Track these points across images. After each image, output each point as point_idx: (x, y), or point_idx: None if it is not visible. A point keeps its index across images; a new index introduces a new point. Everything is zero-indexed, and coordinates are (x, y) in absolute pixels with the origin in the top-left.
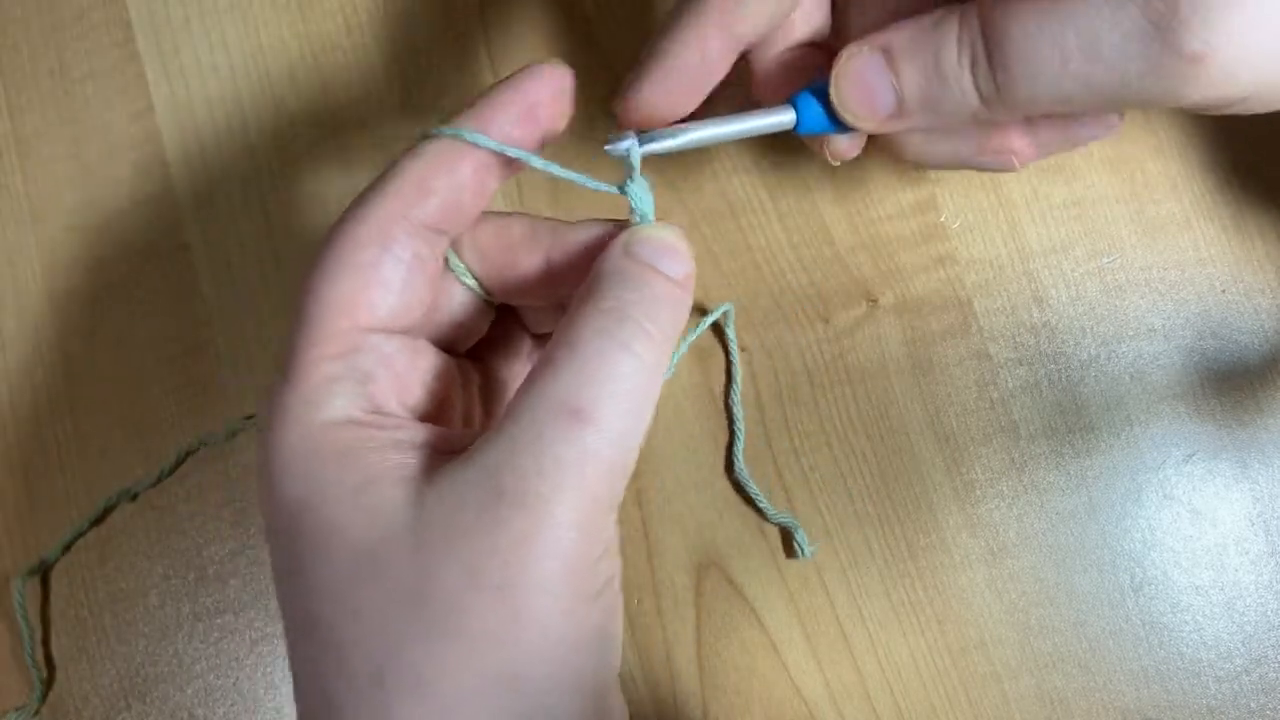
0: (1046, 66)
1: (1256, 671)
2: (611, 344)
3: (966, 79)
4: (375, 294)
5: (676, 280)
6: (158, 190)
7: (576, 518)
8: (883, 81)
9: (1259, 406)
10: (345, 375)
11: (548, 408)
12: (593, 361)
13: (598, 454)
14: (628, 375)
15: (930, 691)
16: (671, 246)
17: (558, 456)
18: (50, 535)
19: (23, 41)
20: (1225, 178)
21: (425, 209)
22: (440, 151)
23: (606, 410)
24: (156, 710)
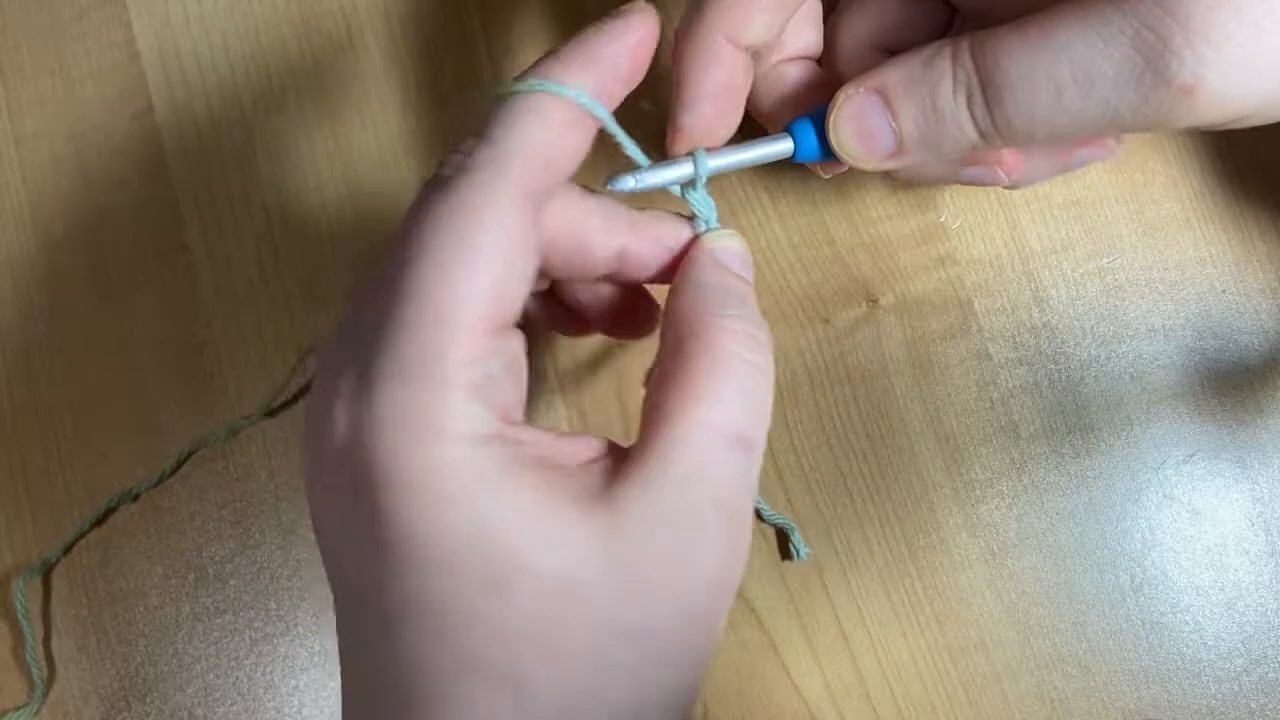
0: (1041, 101)
1: (1256, 671)
2: (753, 369)
3: (964, 115)
4: (508, 284)
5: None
6: (158, 190)
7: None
8: (881, 123)
9: (1259, 406)
10: (482, 383)
11: (719, 436)
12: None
13: (753, 476)
14: (766, 397)
15: (930, 691)
16: (746, 256)
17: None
18: (50, 535)
19: (23, 41)
20: (1225, 178)
21: (548, 181)
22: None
23: (760, 435)
24: (156, 710)
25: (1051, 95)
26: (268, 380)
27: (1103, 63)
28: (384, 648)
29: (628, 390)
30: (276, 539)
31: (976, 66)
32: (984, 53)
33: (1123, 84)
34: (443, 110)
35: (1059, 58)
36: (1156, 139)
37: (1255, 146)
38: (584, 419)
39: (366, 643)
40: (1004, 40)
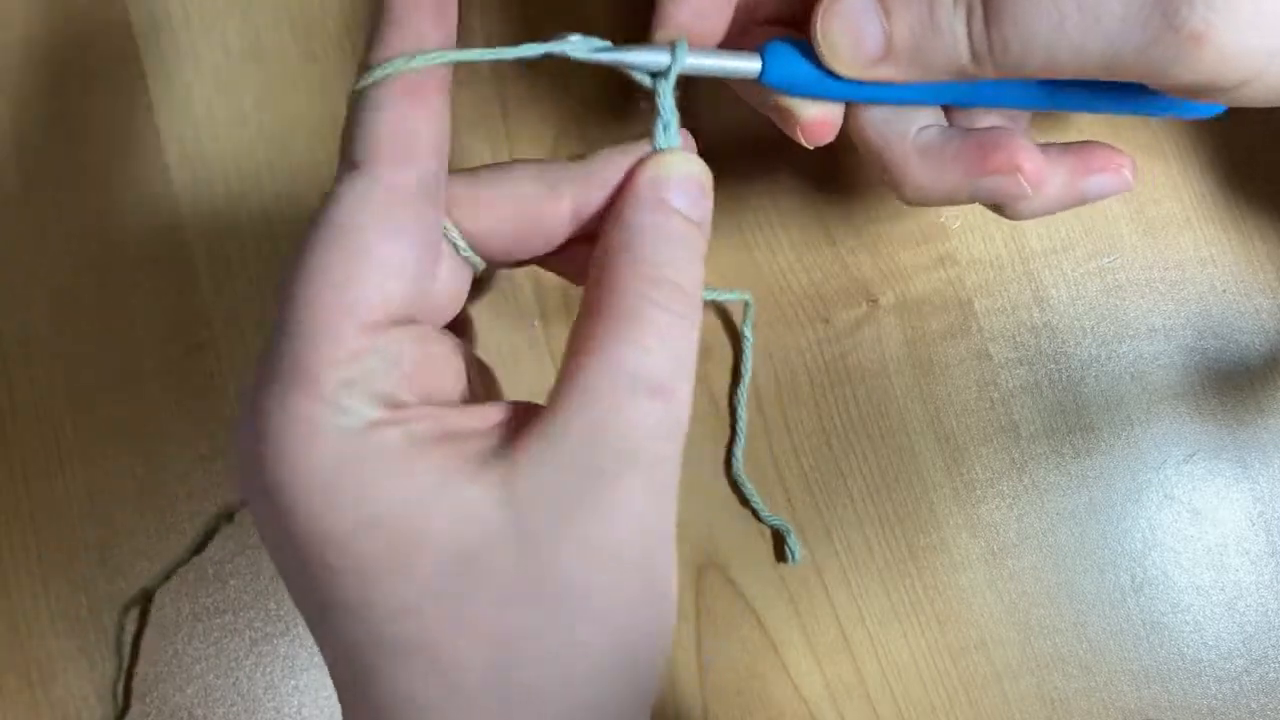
0: (1043, 26)
1: (1257, 671)
2: (674, 318)
3: (960, 29)
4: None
5: (702, 225)
6: (158, 190)
7: (660, 491)
8: (872, 21)
9: (1259, 406)
10: (363, 376)
11: (628, 385)
12: (663, 335)
13: (677, 425)
14: (690, 346)
15: (930, 691)
16: (700, 184)
17: (649, 432)
18: (50, 535)
19: (23, 41)
20: (1225, 178)
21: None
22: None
23: (681, 381)
24: (156, 710)
25: (1054, 22)
26: None
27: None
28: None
29: None
30: None
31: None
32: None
33: (1130, 23)
34: None
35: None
36: (1156, 140)
37: (1255, 147)
38: None
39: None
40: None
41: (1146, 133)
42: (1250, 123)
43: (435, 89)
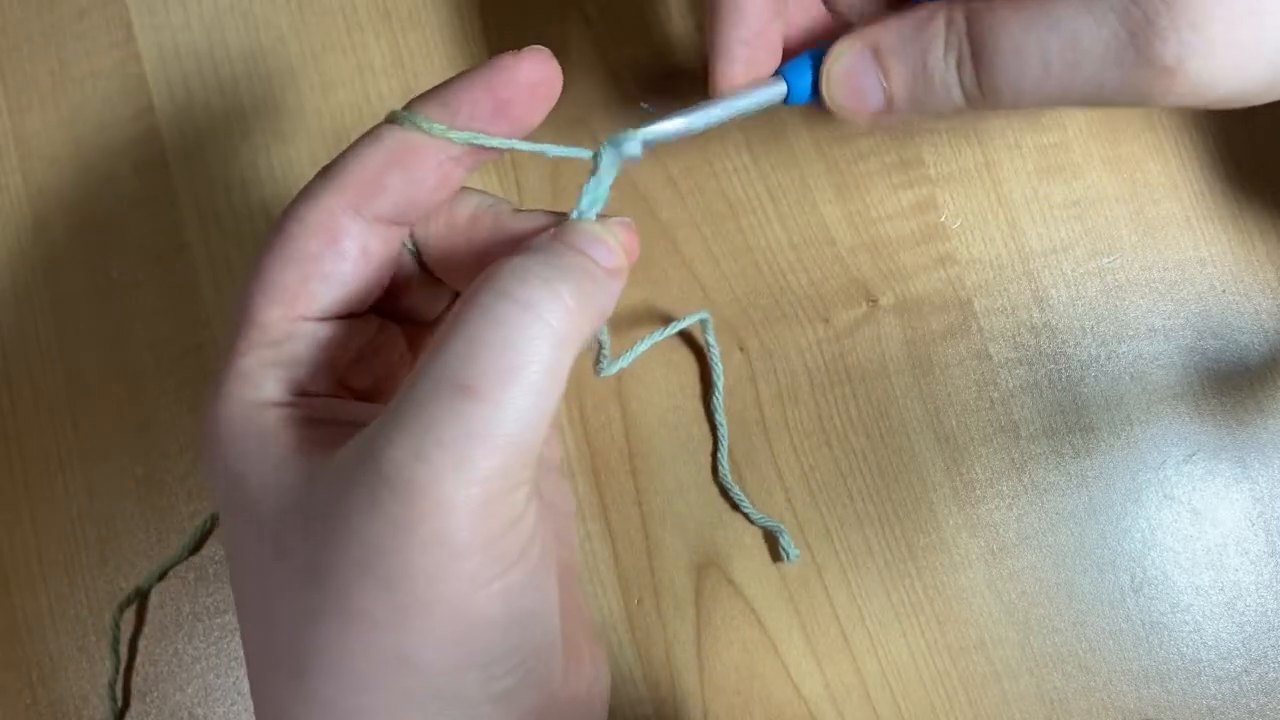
0: (1029, 72)
1: (1256, 671)
2: (510, 306)
3: (952, 79)
4: (315, 287)
5: (604, 266)
6: (158, 190)
7: (465, 502)
8: (872, 80)
9: (1259, 406)
10: (277, 361)
11: (434, 383)
12: (486, 329)
13: (488, 434)
14: (526, 342)
15: (930, 691)
16: (599, 238)
17: (441, 439)
18: (50, 535)
19: (23, 41)
20: (1225, 178)
21: (379, 204)
22: (400, 144)
23: (498, 384)
24: (156, 710)
25: (1040, 68)
26: None
27: (1091, 39)
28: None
29: (628, 392)
30: None
31: (970, 33)
32: (978, 20)
33: (1108, 61)
34: None
35: (1050, 32)
36: (1156, 140)
37: (1255, 146)
38: (584, 420)
39: None
40: (999, 10)
41: (1147, 133)
42: (1250, 123)
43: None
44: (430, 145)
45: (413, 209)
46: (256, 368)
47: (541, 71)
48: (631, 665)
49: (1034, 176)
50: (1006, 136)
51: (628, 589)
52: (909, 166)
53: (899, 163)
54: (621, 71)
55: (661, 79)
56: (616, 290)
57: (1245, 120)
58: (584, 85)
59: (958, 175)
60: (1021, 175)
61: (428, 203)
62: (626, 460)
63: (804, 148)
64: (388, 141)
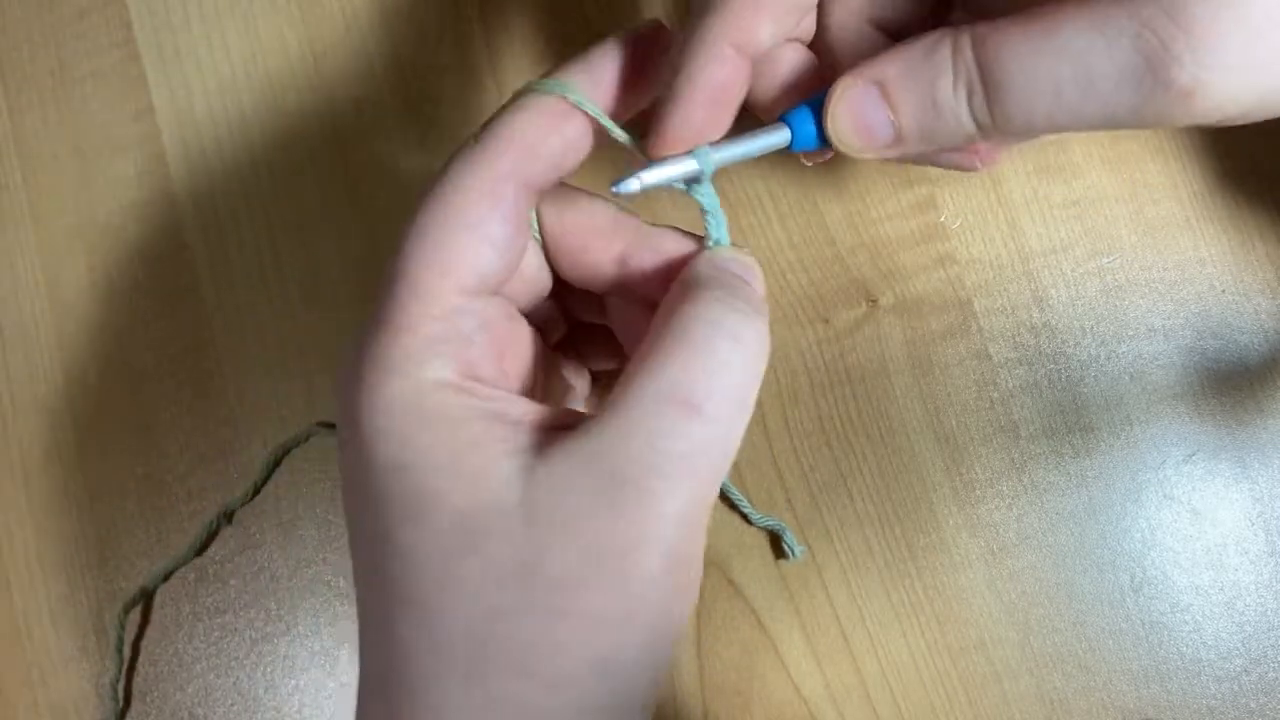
0: (1041, 99)
1: (1256, 671)
2: (721, 335)
3: (963, 109)
4: (482, 255)
5: (759, 292)
6: (158, 190)
7: (684, 510)
8: (879, 115)
9: (1259, 406)
10: (447, 337)
11: (660, 397)
12: (703, 352)
13: (707, 447)
14: (736, 367)
15: (930, 691)
16: (749, 266)
17: (670, 449)
18: (50, 535)
19: (23, 41)
20: (1225, 178)
21: (534, 169)
22: (550, 109)
23: (716, 402)
24: (156, 710)
25: (1051, 94)
26: (268, 380)
27: (1104, 64)
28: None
29: None
30: (276, 539)
31: (978, 61)
32: (986, 48)
33: (1123, 86)
34: (444, 111)
35: (1060, 57)
36: (1156, 140)
37: (1255, 147)
38: None
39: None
40: (1006, 36)
41: (1147, 133)
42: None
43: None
44: (575, 110)
45: (555, 174)
46: (426, 343)
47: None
48: None
49: (1034, 176)
50: None
51: None
52: (909, 167)
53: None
54: None
55: None
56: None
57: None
58: None
59: (957, 175)
60: (1021, 175)
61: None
62: None
63: None
64: (538, 107)
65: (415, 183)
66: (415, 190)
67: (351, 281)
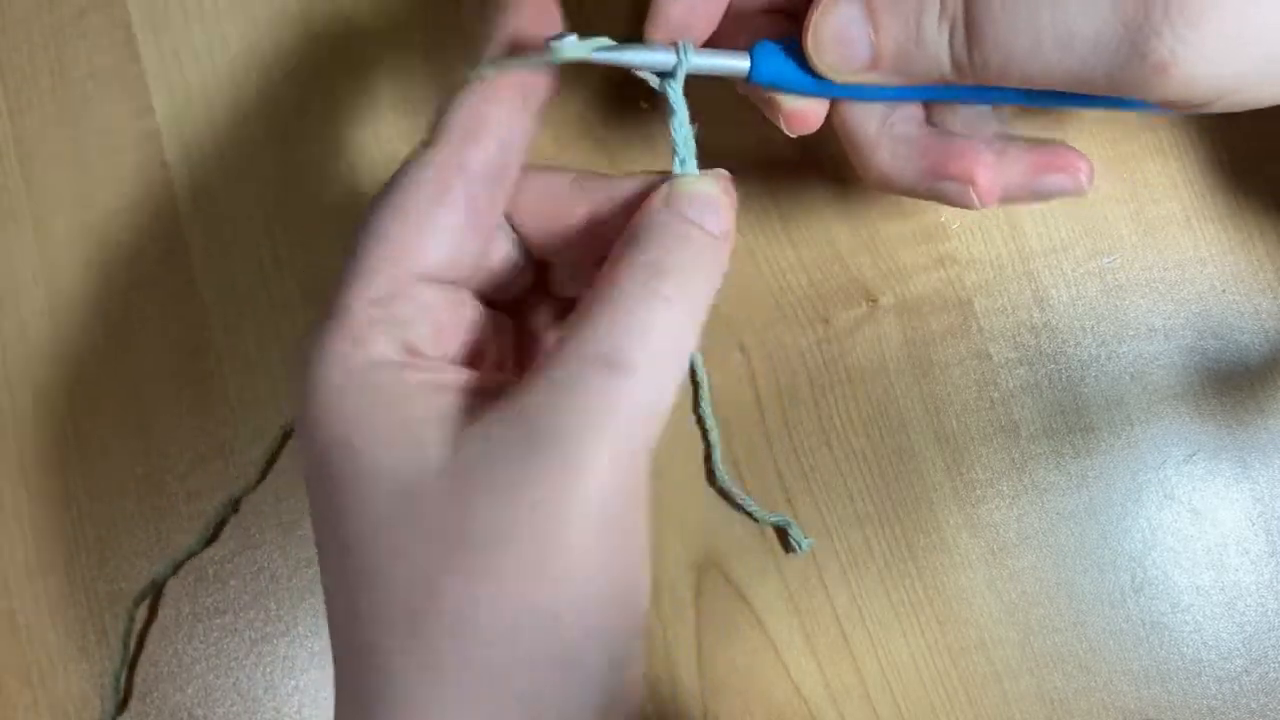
0: (1019, 47)
1: (1257, 671)
2: (650, 296)
3: (943, 44)
4: (427, 243)
5: (716, 235)
6: (158, 190)
7: (609, 462)
8: (861, 33)
9: (1259, 406)
10: (387, 319)
11: (584, 356)
12: (631, 313)
13: (631, 400)
14: (664, 327)
15: (930, 691)
16: (713, 200)
17: (593, 406)
18: (50, 535)
19: (23, 41)
20: (1225, 178)
21: (479, 155)
22: (479, 93)
23: (641, 360)
24: (156, 710)
25: (1030, 44)
26: (267, 380)
27: (1084, 23)
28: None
29: None
30: (276, 539)
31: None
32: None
33: (1100, 48)
34: None
35: (1042, 9)
36: (1156, 140)
37: (1256, 146)
38: None
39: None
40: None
41: (1147, 133)
42: (1250, 122)
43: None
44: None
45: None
46: (366, 324)
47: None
48: None
49: None
50: None
51: None
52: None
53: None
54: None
55: None
56: (728, 253)
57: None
58: (582, 84)
59: None
60: None
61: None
62: None
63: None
64: (471, 92)
65: None
66: None
67: None
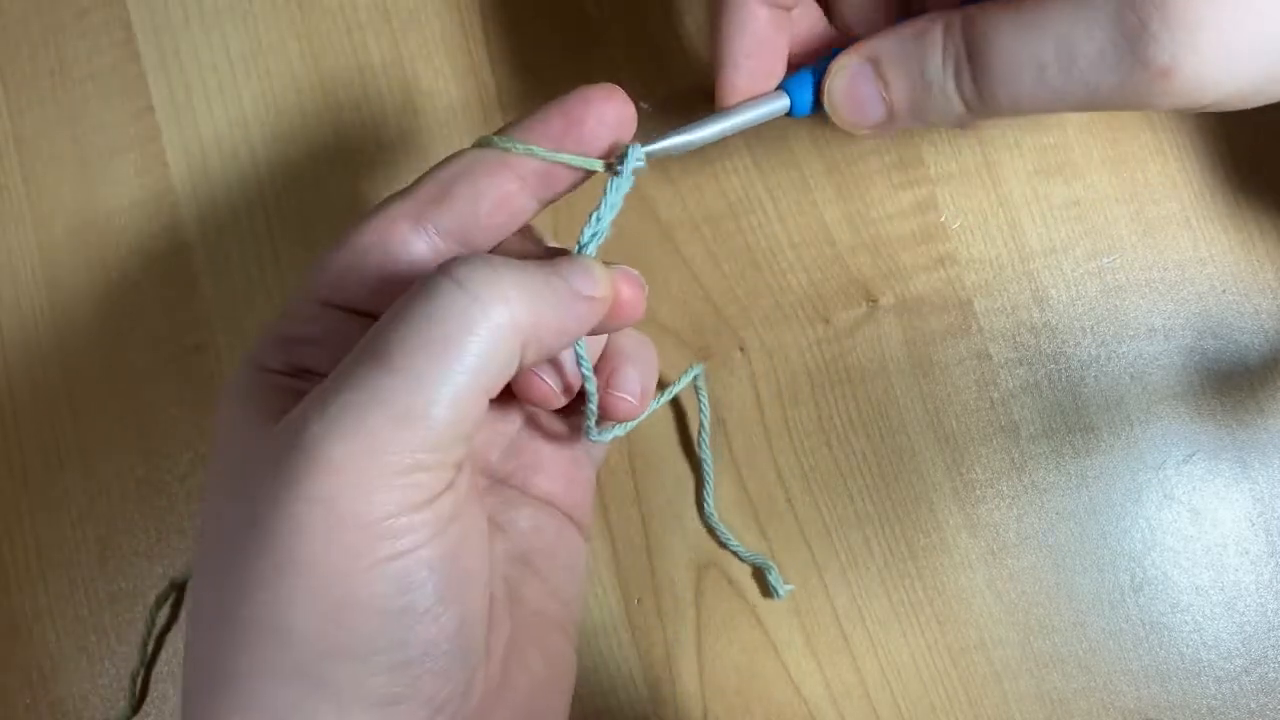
0: (1025, 78)
1: (1256, 671)
2: (447, 283)
3: (950, 87)
4: (351, 277)
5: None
6: (158, 190)
7: (352, 465)
8: (872, 92)
9: (1259, 406)
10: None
11: (357, 352)
12: (418, 304)
13: (391, 402)
14: (453, 318)
15: (930, 691)
16: (586, 269)
17: (345, 400)
18: (50, 535)
19: (23, 41)
20: (1225, 178)
21: (439, 215)
22: (470, 159)
23: (412, 357)
24: (157, 710)
25: (1035, 73)
26: None
27: (1085, 43)
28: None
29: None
30: None
31: (966, 40)
32: (974, 28)
33: (1103, 64)
34: (443, 110)
35: (1044, 36)
36: (1156, 140)
37: (1256, 146)
38: None
39: None
40: (994, 17)
41: (1147, 133)
42: (1250, 122)
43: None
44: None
45: (474, 227)
46: (269, 338)
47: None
48: (631, 665)
49: (1034, 176)
50: (1006, 136)
51: (627, 589)
52: (909, 166)
53: (899, 163)
54: (620, 70)
55: (660, 78)
56: (585, 314)
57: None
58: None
59: (958, 175)
60: (1021, 175)
61: (489, 224)
62: (626, 460)
63: (804, 148)
64: (459, 158)
65: None
66: None
67: None
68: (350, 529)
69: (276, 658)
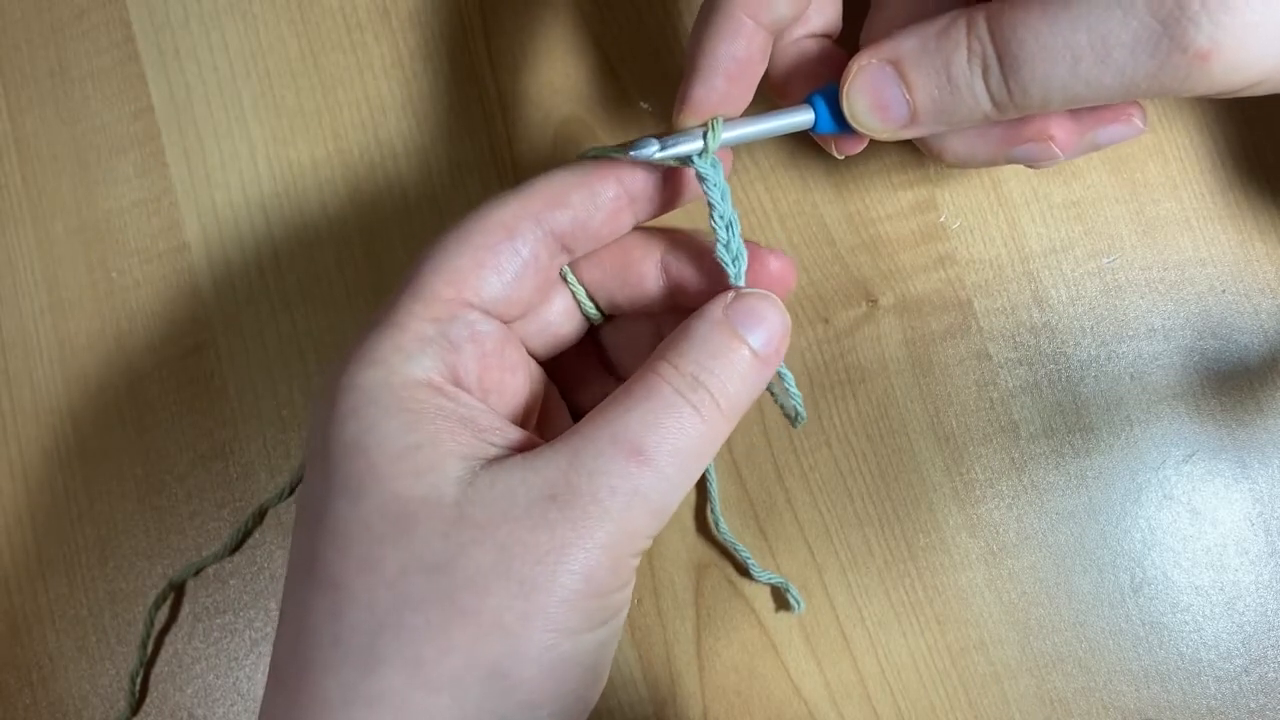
0: (1058, 69)
1: (1256, 671)
2: (683, 404)
3: (979, 85)
4: (487, 275)
5: (759, 354)
6: (158, 190)
7: (611, 543)
8: (895, 93)
9: (1259, 406)
10: (437, 339)
11: (613, 438)
12: (663, 413)
13: (647, 493)
14: (691, 434)
15: (930, 691)
16: (765, 318)
17: (613, 485)
18: (50, 535)
19: (23, 41)
20: (1225, 178)
21: (557, 218)
22: (590, 170)
23: (664, 458)
24: (156, 710)
25: (1068, 64)
26: (267, 381)
27: (1120, 30)
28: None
29: None
30: (276, 539)
31: (993, 37)
32: (1001, 22)
33: (1139, 51)
34: (443, 110)
35: (1076, 26)
36: (1156, 140)
37: (1256, 146)
38: None
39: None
40: (1021, 10)
41: (1147, 133)
42: (1251, 123)
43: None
44: (615, 176)
45: (584, 233)
46: (416, 340)
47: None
48: (631, 665)
49: (1034, 176)
50: None
51: None
52: (909, 166)
53: (899, 163)
54: (620, 70)
55: (660, 78)
56: (768, 375)
57: (1245, 120)
58: (583, 84)
59: (958, 175)
60: (1021, 175)
61: (599, 232)
62: None
63: (804, 148)
64: (577, 166)
65: (414, 181)
66: (414, 189)
67: (351, 282)
68: (596, 600)
69: (486, 702)
